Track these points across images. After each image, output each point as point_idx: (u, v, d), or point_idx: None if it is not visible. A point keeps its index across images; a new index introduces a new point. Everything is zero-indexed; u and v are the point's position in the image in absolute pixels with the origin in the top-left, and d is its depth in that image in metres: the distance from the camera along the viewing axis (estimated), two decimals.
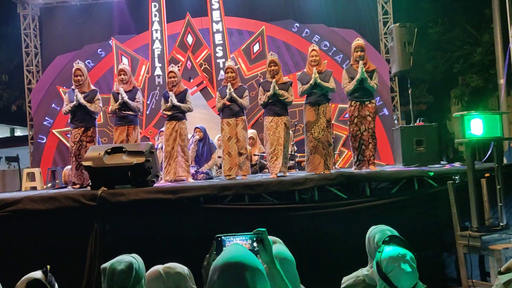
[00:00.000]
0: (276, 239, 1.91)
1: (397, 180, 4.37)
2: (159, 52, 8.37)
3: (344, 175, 4.31)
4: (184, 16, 8.31)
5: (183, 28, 8.30)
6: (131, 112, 5.10)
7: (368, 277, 2.13)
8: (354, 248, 2.65)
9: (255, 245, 1.49)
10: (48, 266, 1.98)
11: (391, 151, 7.49)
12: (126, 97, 5.02)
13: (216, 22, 8.28)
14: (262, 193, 4.16)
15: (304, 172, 5.10)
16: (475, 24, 11.71)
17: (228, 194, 4.12)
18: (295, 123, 7.00)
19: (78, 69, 4.99)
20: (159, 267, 1.80)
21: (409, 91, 5.76)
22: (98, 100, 5.01)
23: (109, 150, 4.32)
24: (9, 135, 18.68)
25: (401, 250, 1.80)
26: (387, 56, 8.08)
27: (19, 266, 3.37)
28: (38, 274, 2.01)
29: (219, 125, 5.24)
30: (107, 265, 1.81)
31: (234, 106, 5.03)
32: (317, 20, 8.44)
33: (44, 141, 8.70)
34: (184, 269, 1.81)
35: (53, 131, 8.64)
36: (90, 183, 4.39)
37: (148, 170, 4.28)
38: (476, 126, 3.35)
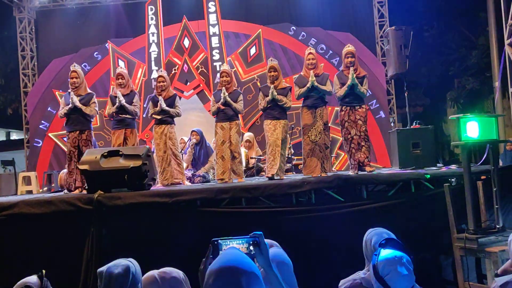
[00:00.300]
0: (273, 242, 1.91)
1: (394, 183, 4.37)
2: (156, 55, 8.37)
3: (341, 178, 4.31)
4: (181, 19, 8.32)
5: (180, 31, 8.30)
6: (128, 116, 5.09)
7: (365, 280, 2.13)
8: (351, 251, 2.65)
9: (251, 248, 1.48)
10: (44, 271, 1.97)
11: (388, 154, 7.52)
12: (123, 100, 5.02)
13: (213, 25, 8.29)
14: (259, 196, 4.15)
15: (301, 175, 5.11)
16: (471, 27, 11.79)
17: (225, 197, 4.12)
18: (292, 126, 7.00)
19: (74, 72, 4.98)
20: (154, 272, 1.79)
21: (406, 93, 5.79)
22: (94, 104, 4.99)
23: (105, 154, 4.31)
24: (5, 139, 18.61)
25: (397, 253, 1.80)
26: (383, 59, 8.12)
27: (14, 271, 3.35)
28: (34, 279, 1.99)
29: None
30: (103, 269, 1.80)
31: (228, 110, 5.05)
32: (314, 23, 8.48)
33: (40, 145, 8.68)
34: (180, 274, 1.80)
35: (49, 134, 8.62)
36: (86, 186, 4.37)
37: (145, 174, 4.27)
38: (472, 128, 3.36)
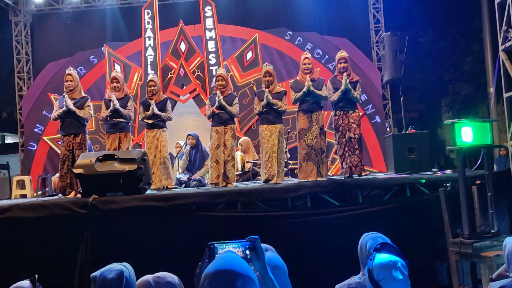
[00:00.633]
0: (268, 246, 1.90)
1: (389, 187, 4.38)
2: (152, 59, 8.37)
3: (337, 182, 4.31)
4: (177, 23, 8.33)
5: (176, 36, 8.31)
6: (122, 120, 5.08)
7: (360, 284, 2.12)
8: (346, 256, 2.65)
9: (247, 252, 1.48)
10: (36, 276, 1.94)
11: (383, 159, 7.54)
12: (117, 104, 5.01)
13: (209, 29, 8.31)
14: (255, 200, 4.15)
15: (297, 179, 5.11)
16: (465, 33, 11.89)
17: (220, 202, 4.11)
18: (288, 130, 7.02)
19: (69, 75, 4.97)
20: (149, 277, 1.77)
21: (401, 98, 5.82)
22: (88, 107, 4.97)
23: (100, 157, 4.29)
24: None
25: (392, 257, 1.79)
26: (379, 64, 8.17)
27: (7, 275, 3.32)
28: (26, 283, 1.97)
29: None
30: (97, 273, 1.78)
31: (223, 114, 5.05)
32: (310, 28, 8.52)
33: (34, 149, 8.63)
34: (174, 278, 1.78)
35: (44, 138, 8.57)
36: (81, 190, 4.34)
37: (140, 178, 4.25)
38: (467, 133, 3.38)
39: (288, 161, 6.54)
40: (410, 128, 5.71)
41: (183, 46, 8.31)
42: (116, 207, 3.98)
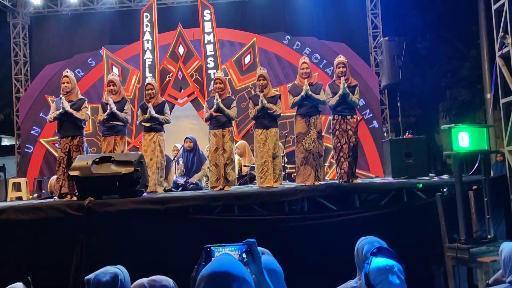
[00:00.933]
0: (265, 250, 1.89)
1: (386, 192, 4.38)
2: (150, 62, 8.37)
3: (334, 186, 4.32)
4: (176, 27, 8.34)
5: (175, 39, 8.32)
6: (119, 123, 5.07)
7: None
8: (343, 260, 2.64)
9: (244, 256, 1.47)
10: (29, 278, 1.93)
11: (381, 163, 7.54)
12: (114, 107, 5.00)
13: (208, 33, 8.32)
14: (252, 204, 4.14)
15: (295, 183, 5.10)
16: (463, 39, 11.96)
17: (217, 205, 4.10)
18: (286, 134, 7.01)
19: (66, 77, 4.97)
20: (144, 280, 1.76)
21: (399, 104, 5.83)
22: (86, 109, 4.97)
23: (97, 160, 4.27)
24: None
25: (389, 261, 1.79)
26: (376, 69, 8.19)
27: (2, 277, 3.29)
28: (19, 285, 1.95)
29: None
30: (91, 276, 1.77)
31: (221, 117, 5.04)
32: (308, 33, 8.55)
33: (31, 151, 8.59)
34: (170, 282, 1.77)
35: (41, 140, 8.54)
36: (77, 193, 4.32)
37: (136, 180, 4.23)
38: (463, 138, 3.39)
39: (286, 165, 6.54)
40: (407, 133, 5.72)
41: (181, 50, 8.32)
42: (112, 210, 3.96)
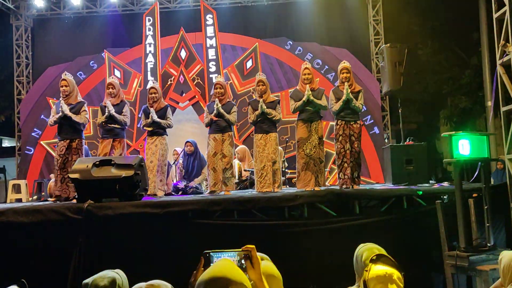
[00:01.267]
0: (264, 255, 1.89)
1: (387, 199, 4.37)
2: (152, 66, 8.39)
3: (334, 192, 4.31)
4: (178, 30, 8.37)
5: (177, 43, 8.35)
6: (117, 126, 5.08)
7: None
8: (342, 266, 2.63)
9: (243, 262, 1.47)
10: (24, 280, 1.92)
11: (381, 170, 7.53)
12: (113, 110, 5.02)
13: (210, 37, 8.35)
14: (252, 209, 4.13)
15: (295, 189, 5.10)
16: (464, 47, 11.98)
17: (217, 209, 4.09)
18: (287, 139, 7.02)
19: (64, 80, 4.99)
20: (142, 285, 1.75)
21: (400, 110, 5.83)
22: (85, 112, 4.98)
23: (97, 163, 4.27)
24: None
25: (388, 269, 1.78)
26: (378, 75, 8.20)
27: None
28: None
29: None
30: (89, 280, 1.76)
31: (221, 121, 5.06)
32: (310, 38, 8.57)
33: (31, 153, 8.60)
34: (168, 286, 1.77)
35: (41, 142, 8.55)
36: (76, 196, 4.32)
37: (136, 184, 4.23)
38: (464, 146, 3.38)
39: (286, 170, 6.53)
40: (408, 139, 5.71)
41: (183, 53, 8.35)
42: (112, 213, 3.95)
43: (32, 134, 8.62)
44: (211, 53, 8.32)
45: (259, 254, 1.65)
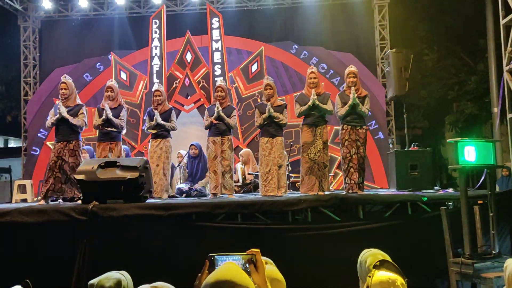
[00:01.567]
0: (268, 259, 1.89)
1: (391, 204, 4.36)
2: (158, 68, 8.43)
3: (338, 197, 4.30)
4: (184, 34, 8.42)
5: (183, 46, 8.39)
6: (113, 129, 5.10)
7: None
8: (346, 271, 2.63)
9: (247, 265, 1.47)
10: (28, 280, 1.93)
11: (386, 175, 7.51)
12: (110, 114, 5.04)
13: (216, 41, 8.38)
14: (255, 212, 4.13)
15: (298, 193, 5.09)
16: (470, 53, 11.94)
17: (220, 212, 4.09)
18: (291, 143, 7.02)
19: (63, 83, 5.03)
20: (146, 286, 1.76)
21: (405, 115, 5.82)
22: (83, 114, 5.00)
23: (102, 164, 4.30)
24: (3, 146, 18.56)
25: (392, 275, 1.78)
26: (383, 80, 8.19)
27: (3, 280, 3.30)
28: None
29: None
30: (94, 281, 1.77)
31: (220, 125, 5.07)
32: (316, 42, 8.58)
33: (37, 153, 8.65)
34: None
35: (47, 143, 8.59)
36: (82, 196, 4.34)
37: (141, 186, 4.25)
38: (470, 153, 3.37)
39: (290, 174, 6.53)
40: (413, 145, 5.70)
41: (189, 56, 8.38)
42: (116, 215, 3.97)
43: (38, 135, 8.68)
44: (217, 56, 8.35)
45: (263, 258, 1.65)
